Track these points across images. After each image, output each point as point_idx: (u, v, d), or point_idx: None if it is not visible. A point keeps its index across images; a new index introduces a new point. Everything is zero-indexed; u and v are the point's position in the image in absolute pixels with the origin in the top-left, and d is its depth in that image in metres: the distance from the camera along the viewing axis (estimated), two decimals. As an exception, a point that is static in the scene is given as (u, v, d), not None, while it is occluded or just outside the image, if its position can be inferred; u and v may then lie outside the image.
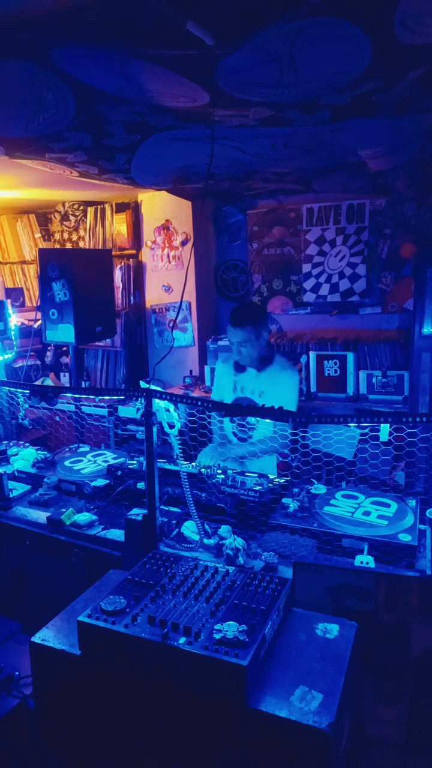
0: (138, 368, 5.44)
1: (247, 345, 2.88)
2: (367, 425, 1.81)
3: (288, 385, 2.93)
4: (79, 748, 1.64)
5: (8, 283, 5.78)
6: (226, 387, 3.12)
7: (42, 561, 2.30)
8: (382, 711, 1.73)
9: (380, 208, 4.58)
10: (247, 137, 2.87)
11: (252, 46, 1.75)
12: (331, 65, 1.97)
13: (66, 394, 2.89)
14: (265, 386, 2.96)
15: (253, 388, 3.00)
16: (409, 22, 1.64)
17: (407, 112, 2.54)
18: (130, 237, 5.24)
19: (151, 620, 1.52)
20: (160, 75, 1.99)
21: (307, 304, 4.99)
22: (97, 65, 1.92)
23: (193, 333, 5.16)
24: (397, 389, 4.35)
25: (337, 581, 1.73)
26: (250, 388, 3.01)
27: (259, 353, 2.93)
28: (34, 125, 2.49)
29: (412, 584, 1.67)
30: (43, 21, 1.59)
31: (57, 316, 4.04)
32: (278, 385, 2.93)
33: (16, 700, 1.84)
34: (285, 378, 2.94)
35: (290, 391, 2.93)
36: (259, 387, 2.98)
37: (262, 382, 2.97)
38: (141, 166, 3.42)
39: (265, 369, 2.95)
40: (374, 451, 2.32)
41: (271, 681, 1.44)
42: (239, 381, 3.05)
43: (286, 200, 4.92)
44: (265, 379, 2.96)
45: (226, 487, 2.30)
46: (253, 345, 2.88)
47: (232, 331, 2.90)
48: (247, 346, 2.88)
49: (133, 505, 2.33)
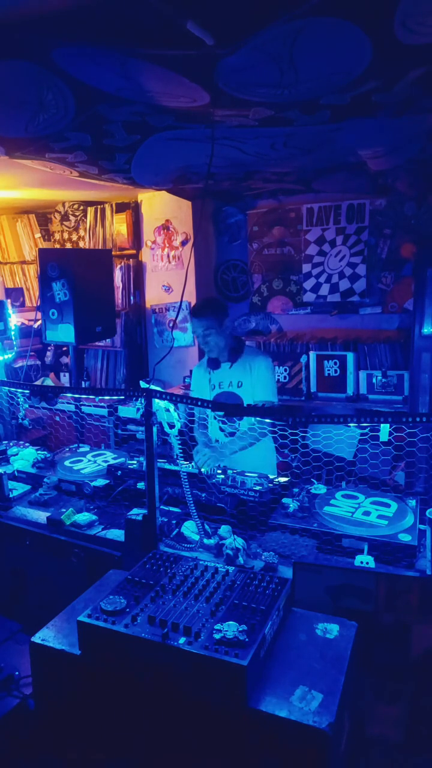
0: (138, 368, 5.44)
1: (211, 333, 3.00)
2: (367, 425, 1.81)
3: (263, 370, 3.03)
4: (79, 748, 1.64)
5: (8, 283, 5.77)
6: (203, 387, 3.19)
7: (42, 561, 2.30)
8: (382, 711, 1.73)
9: (380, 208, 4.58)
10: (247, 137, 2.87)
11: (252, 46, 1.75)
12: (331, 65, 1.97)
13: (66, 394, 2.89)
14: (241, 376, 3.05)
15: (231, 380, 3.08)
16: (409, 22, 1.64)
17: (407, 112, 2.54)
18: (130, 237, 5.24)
19: (151, 620, 1.52)
20: (160, 75, 1.99)
21: (307, 304, 4.99)
22: (97, 65, 1.92)
23: (193, 333, 5.16)
24: (397, 389, 4.35)
25: (337, 581, 1.73)
26: (227, 381, 3.09)
27: (227, 344, 3.05)
28: (34, 125, 2.49)
29: (412, 584, 1.67)
30: (43, 21, 1.59)
31: (57, 316, 4.04)
32: (254, 372, 3.02)
33: (16, 700, 1.84)
34: (258, 363, 3.04)
35: (267, 375, 3.03)
36: (235, 378, 3.06)
37: (237, 372, 3.06)
38: (141, 166, 3.41)
39: (237, 360, 3.06)
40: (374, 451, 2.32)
41: (271, 681, 1.44)
42: (214, 378, 3.13)
43: (286, 200, 4.92)
44: (238, 369, 3.05)
45: (226, 487, 2.30)
46: (218, 333, 3.01)
47: (195, 323, 3.04)
48: (212, 334, 3.00)
49: (133, 505, 2.33)
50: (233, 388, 3.07)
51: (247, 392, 3.02)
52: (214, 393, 3.12)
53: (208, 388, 3.15)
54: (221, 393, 3.09)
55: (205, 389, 3.17)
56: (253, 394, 3.00)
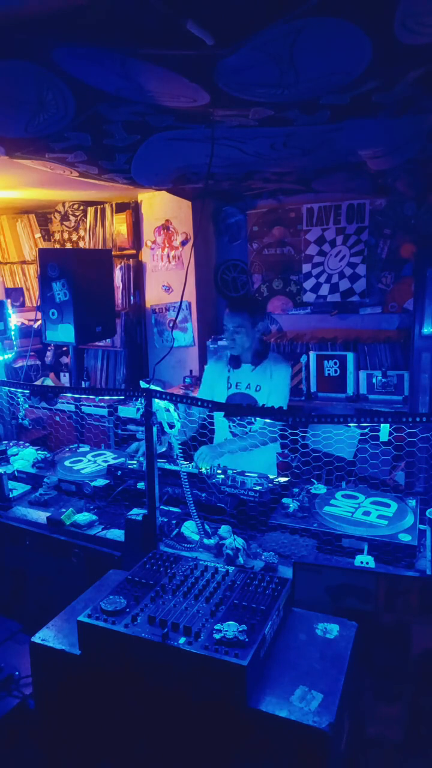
0: (138, 368, 5.44)
1: (241, 332, 2.97)
2: (367, 425, 1.81)
3: (282, 379, 3.03)
4: (79, 748, 1.64)
5: (8, 283, 5.77)
6: (219, 384, 3.15)
7: (42, 561, 2.30)
8: (382, 711, 1.73)
9: (380, 208, 4.58)
10: (247, 137, 2.87)
11: (252, 46, 1.75)
12: (331, 65, 1.97)
13: (66, 394, 2.89)
14: (261, 381, 3.03)
15: (249, 383, 3.05)
16: (409, 22, 1.64)
17: (407, 112, 2.54)
18: (130, 237, 5.24)
19: (151, 620, 1.52)
20: (160, 75, 1.99)
21: (307, 304, 4.99)
22: (97, 65, 1.92)
23: (193, 333, 5.16)
24: (397, 389, 4.35)
25: (337, 581, 1.73)
26: (245, 383, 3.06)
27: (253, 346, 3.02)
28: (34, 125, 2.49)
29: (412, 584, 1.67)
30: (43, 21, 1.59)
31: (57, 316, 4.04)
32: (274, 379, 3.01)
33: (16, 700, 1.84)
34: (280, 371, 3.03)
35: (284, 385, 3.03)
36: (255, 381, 3.04)
37: (258, 376, 3.03)
38: (141, 166, 3.41)
39: (260, 364, 3.03)
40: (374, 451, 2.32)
41: (271, 681, 1.44)
42: (233, 377, 3.10)
43: (286, 200, 4.92)
44: (260, 373, 3.03)
45: (226, 487, 2.30)
46: (247, 333, 2.97)
47: (228, 317, 3.00)
48: (241, 333, 2.97)
49: (133, 505, 2.33)
50: (251, 391, 3.04)
51: (264, 397, 3.00)
52: (230, 392, 3.09)
53: (224, 385, 3.12)
54: (237, 393, 3.07)
55: (222, 387, 3.13)
56: (268, 400, 2.98)
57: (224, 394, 3.10)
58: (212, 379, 3.22)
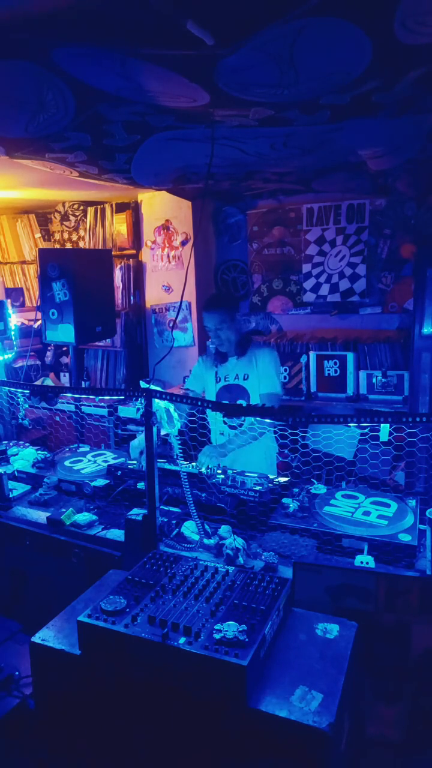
0: (138, 368, 5.44)
1: (223, 328, 3.03)
2: (367, 425, 1.81)
3: (267, 363, 3.06)
4: (79, 748, 1.64)
5: (8, 283, 5.77)
6: (208, 380, 3.20)
7: (42, 561, 2.31)
8: (382, 711, 1.73)
9: (380, 208, 4.57)
10: (247, 137, 2.87)
11: (252, 46, 1.75)
12: (331, 65, 1.97)
13: (66, 394, 2.89)
14: (248, 369, 3.08)
15: (237, 373, 3.10)
16: (409, 22, 1.64)
17: (407, 112, 2.54)
18: (130, 237, 5.24)
19: (151, 620, 1.52)
20: (160, 75, 1.99)
21: (307, 304, 4.98)
22: (97, 65, 1.92)
23: (193, 333, 5.16)
24: (397, 389, 4.35)
25: (337, 581, 1.73)
26: (233, 374, 3.11)
27: (237, 338, 3.08)
28: (34, 125, 2.49)
29: (412, 584, 1.67)
30: (43, 21, 1.59)
31: (57, 316, 4.04)
32: (260, 366, 3.05)
33: (16, 700, 1.84)
34: (264, 356, 3.07)
35: (272, 367, 3.07)
36: (242, 371, 3.09)
37: (243, 366, 3.09)
38: (141, 166, 3.41)
39: (244, 354, 3.09)
40: (374, 451, 2.33)
41: (271, 681, 1.44)
42: (221, 371, 3.15)
43: (286, 200, 4.92)
44: (245, 362, 3.08)
45: (226, 487, 2.30)
46: (230, 327, 3.04)
47: (207, 317, 3.06)
48: (224, 329, 3.04)
49: (133, 505, 2.33)
50: (239, 381, 3.09)
51: (253, 385, 3.04)
52: (219, 386, 3.13)
53: (213, 381, 3.17)
54: (227, 385, 3.12)
55: (211, 382, 3.18)
56: (259, 387, 3.01)
57: (215, 388, 3.16)
58: (199, 378, 3.28)
